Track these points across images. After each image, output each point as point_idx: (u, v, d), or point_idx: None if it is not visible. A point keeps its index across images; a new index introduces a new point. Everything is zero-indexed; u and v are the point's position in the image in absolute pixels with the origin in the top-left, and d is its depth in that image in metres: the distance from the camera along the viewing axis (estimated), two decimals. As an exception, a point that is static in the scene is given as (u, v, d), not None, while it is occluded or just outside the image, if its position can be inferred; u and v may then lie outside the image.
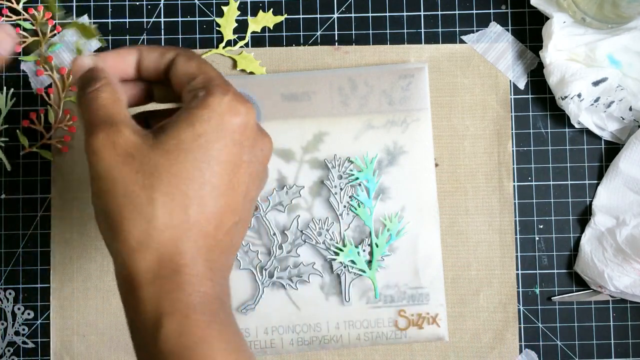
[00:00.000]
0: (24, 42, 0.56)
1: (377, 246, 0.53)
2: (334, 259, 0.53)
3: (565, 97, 0.53)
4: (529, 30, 0.56)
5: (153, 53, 0.38)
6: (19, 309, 0.55)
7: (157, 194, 0.33)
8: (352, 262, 0.53)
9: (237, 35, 0.56)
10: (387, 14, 0.57)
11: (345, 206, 0.54)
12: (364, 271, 0.53)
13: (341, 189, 0.54)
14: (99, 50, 0.56)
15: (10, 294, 0.55)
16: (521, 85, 0.56)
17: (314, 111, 0.54)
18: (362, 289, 0.54)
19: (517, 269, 0.55)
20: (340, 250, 0.53)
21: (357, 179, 0.54)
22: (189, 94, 0.35)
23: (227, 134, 0.34)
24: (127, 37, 0.56)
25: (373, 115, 0.54)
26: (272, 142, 0.38)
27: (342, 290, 0.54)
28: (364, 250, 0.54)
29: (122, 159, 0.33)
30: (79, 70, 0.37)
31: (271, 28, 0.57)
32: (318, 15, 0.57)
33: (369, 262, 0.54)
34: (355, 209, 0.54)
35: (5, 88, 0.56)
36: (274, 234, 0.54)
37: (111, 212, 0.33)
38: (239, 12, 0.57)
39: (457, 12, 0.57)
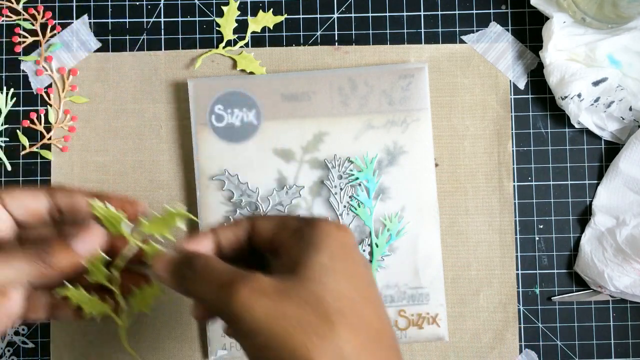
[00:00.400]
0: (24, 42, 0.56)
1: (377, 246, 0.53)
2: None
3: (565, 97, 0.53)
4: (529, 30, 0.56)
5: (229, 231, 0.38)
6: None
7: (333, 317, 0.32)
8: None
9: (237, 35, 0.56)
10: (387, 14, 0.57)
11: (345, 206, 0.54)
12: None
13: (341, 189, 0.54)
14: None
15: None
16: (521, 85, 0.56)
17: (314, 111, 0.54)
18: None
19: (517, 269, 0.55)
20: None
21: (357, 179, 0.54)
22: (293, 234, 0.36)
23: (350, 249, 0.35)
24: (127, 37, 0.56)
25: (373, 115, 0.54)
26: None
27: None
28: (364, 250, 0.54)
29: (278, 299, 0.32)
30: (167, 264, 0.36)
31: (271, 28, 0.57)
32: (318, 15, 0.57)
33: (369, 262, 0.54)
34: (355, 209, 0.54)
35: (5, 88, 0.56)
36: None
37: (293, 352, 0.31)
38: (239, 12, 0.57)
39: (457, 12, 0.57)
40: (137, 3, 0.57)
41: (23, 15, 0.56)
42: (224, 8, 0.56)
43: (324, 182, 0.54)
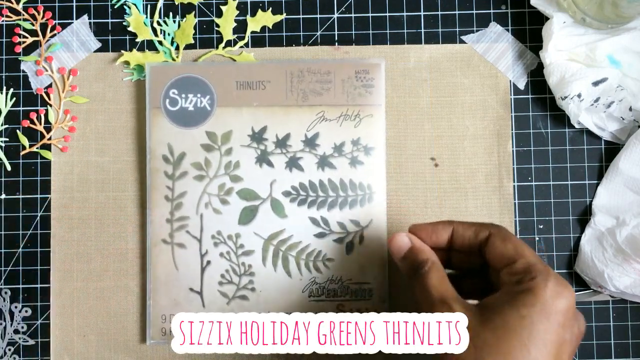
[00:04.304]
0: (24, 42, 0.56)
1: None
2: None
3: (565, 97, 0.53)
4: (529, 30, 0.56)
5: (468, 231, 0.43)
6: (16, 307, 0.55)
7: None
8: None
9: (236, 35, 0.56)
10: (387, 14, 0.57)
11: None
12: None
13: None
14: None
15: (6, 292, 0.55)
16: (521, 85, 0.56)
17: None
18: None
19: (517, 269, 0.55)
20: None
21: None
22: (511, 277, 0.40)
23: (551, 317, 0.37)
24: (127, 37, 0.56)
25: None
26: (584, 319, 0.41)
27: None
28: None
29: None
30: (399, 250, 0.44)
31: (270, 28, 0.57)
32: (318, 15, 0.57)
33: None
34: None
35: (5, 88, 0.56)
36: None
37: None
38: (238, 12, 0.57)
39: (457, 12, 0.57)
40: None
41: (23, 15, 0.56)
42: (223, 8, 0.56)
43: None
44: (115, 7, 0.56)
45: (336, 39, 0.56)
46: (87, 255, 0.55)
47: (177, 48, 0.56)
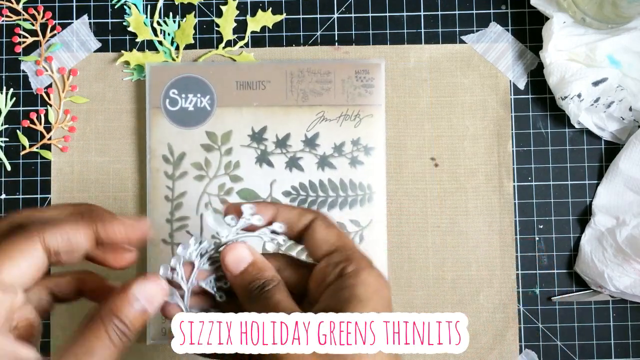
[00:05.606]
0: (24, 42, 0.56)
1: None
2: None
3: (565, 97, 0.53)
4: (529, 30, 0.56)
5: (291, 213, 0.39)
6: None
7: None
8: None
9: (236, 35, 0.56)
10: (387, 14, 0.57)
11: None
12: None
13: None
14: (99, 50, 0.56)
15: None
16: (521, 85, 0.56)
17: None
18: None
19: (517, 269, 0.55)
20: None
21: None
22: (332, 266, 0.37)
23: (384, 304, 0.36)
24: (127, 37, 0.56)
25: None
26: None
27: None
28: None
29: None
30: (237, 265, 0.38)
31: (270, 28, 0.57)
32: (318, 15, 0.57)
33: None
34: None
35: (5, 88, 0.56)
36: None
37: None
38: (238, 12, 0.57)
39: (457, 12, 0.57)
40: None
41: (23, 15, 0.56)
42: (223, 8, 0.56)
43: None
44: (115, 7, 0.57)
45: (336, 39, 0.56)
46: (87, 255, 0.55)
47: (177, 48, 0.56)
